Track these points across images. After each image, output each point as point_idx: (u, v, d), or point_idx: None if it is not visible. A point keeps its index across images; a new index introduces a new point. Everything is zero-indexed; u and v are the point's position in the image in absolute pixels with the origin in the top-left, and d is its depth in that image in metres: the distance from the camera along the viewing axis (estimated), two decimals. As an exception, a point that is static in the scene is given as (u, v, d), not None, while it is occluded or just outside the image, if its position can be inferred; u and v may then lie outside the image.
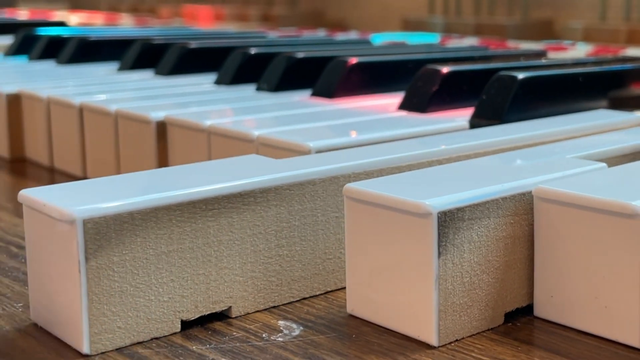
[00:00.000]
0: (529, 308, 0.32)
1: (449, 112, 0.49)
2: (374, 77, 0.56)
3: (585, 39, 0.85)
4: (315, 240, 0.34)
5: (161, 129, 0.48)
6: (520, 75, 0.46)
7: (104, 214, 0.29)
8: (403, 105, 0.50)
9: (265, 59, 0.61)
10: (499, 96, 0.45)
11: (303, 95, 0.56)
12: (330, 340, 0.30)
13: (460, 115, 0.47)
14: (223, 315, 0.32)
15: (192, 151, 0.46)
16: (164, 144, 0.48)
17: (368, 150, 0.38)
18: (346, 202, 0.31)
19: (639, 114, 0.48)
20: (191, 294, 0.31)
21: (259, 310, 0.33)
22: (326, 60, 0.57)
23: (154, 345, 0.30)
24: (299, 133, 0.42)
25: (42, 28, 0.89)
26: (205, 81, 0.64)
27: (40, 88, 0.59)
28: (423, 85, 0.49)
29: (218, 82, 0.62)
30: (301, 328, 0.31)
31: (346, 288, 0.32)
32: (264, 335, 0.31)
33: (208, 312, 0.31)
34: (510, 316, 0.32)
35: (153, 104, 0.52)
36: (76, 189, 0.31)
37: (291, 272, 0.33)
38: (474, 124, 0.45)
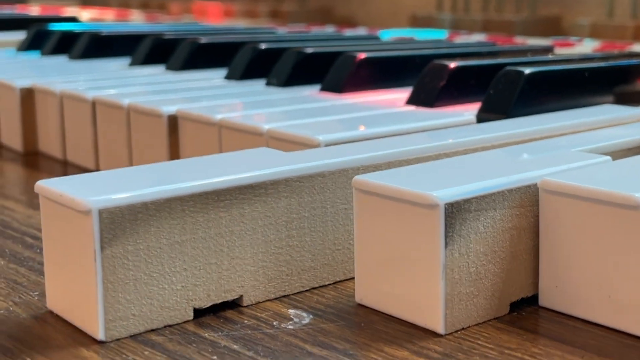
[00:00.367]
0: (534, 298, 0.33)
1: (456, 107, 0.49)
2: (382, 72, 0.56)
3: (592, 35, 0.85)
4: (325, 231, 0.35)
5: (173, 122, 0.49)
6: (527, 70, 0.46)
7: (119, 204, 0.29)
8: (411, 100, 0.50)
9: (274, 54, 0.61)
10: (506, 91, 0.46)
11: (312, 90, 0.57)
12: (339, 328, 0.31)
13: (468, 110, 0.48)
14: (234, 304, 0.33)
15: (203, 144, 0.47)
16: (175, 137, 0.49)
17: (376, 143, 0.38)
18: (355, 194, 0.32)
19: (643, 109, 0.48)
20: (203, 283, 0.32)
21: (270, 299, 0.33)
22: (335, 55, 0.58)
23: (167, 332, 0.30)
24: (308, 127, 0.43)
25: (54, 23, 0.90)
26: (215, 76, 0.65)
27: (53, 82, 0.60)
28: (431, 80, 0.50)
29: (228, 77, 0.63)
30: (311, 316, 0.32)
31: (355, 278, 0.33)
32: (274, 323, 0.31)
33: (220, 301, 0.32)
34: (516, 306, 0.32)
35: (164, 98, 0.53)
36: (92, 180, 0.32)
37: (301, 262, 0.34)
38: (481, 118, 0.46)
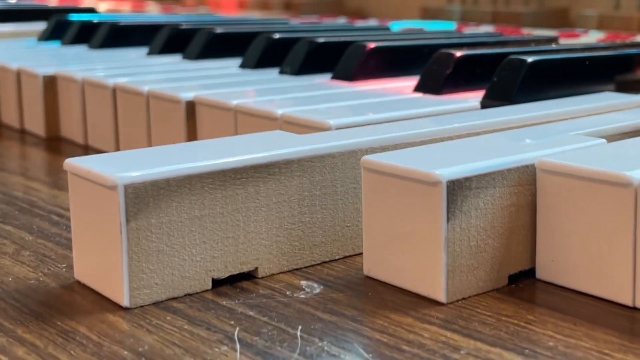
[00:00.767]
0: (532, 271, 0.35)
1: (462, 94, 0.51)
2: (391, 61, 0.58)
3: (599, 27, 0.87)
4: (335, 208, 0.37)
5: (190, 108, 0.51)
6: (530, 59, 0.48)
7: (143, 180, 0.32)
8: (418, 88, 0.52)
9: (288, 44, 0.63)
10: (509, 78, 0.48)
11: (324, 78, 0.59)
12: (348, 297, 0.33)
13: (473, 97, 0.50)
14: (250, 276, 0.35)
15: (220, 129, 0.49)
16: (193, 122, 0.51)
17: (384, 127, 0.40)
18: (363, 173, 0.34)
19: (642, 96, 0.50)
20: (221, 255, 0.34)
21: (283, 271, 0.35)
22: (346, 45, 0.60)
23: (187, 300, 0.33)
24: (319, 112, 0.45)
25: (74, 14, 0.92)
26: (230, 65, 0.67)
27: (75, 70, 0.62)
28: (437, 68, 0.52)
29: (243, 66, 0.65)
30: (321, 287, 0.34)
31: (363, 251, 0.35)
32: (287, 292, 0.33)
33: (237, 272, 0.34)
34: (514, 278, 0.34)
35: (182, 85, 0.55)
36: (117, 158, 0.34)
37: (312, 238, 0.36)
38: (485, 104, 0.48)
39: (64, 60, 0.70)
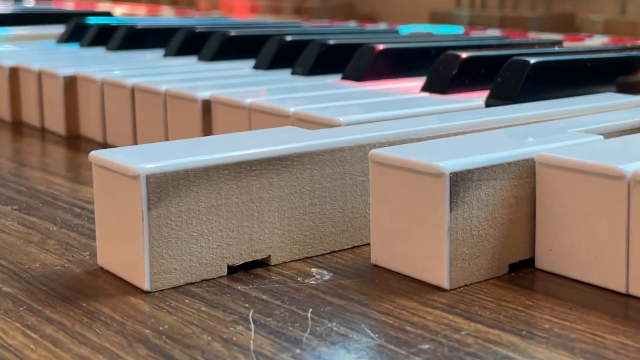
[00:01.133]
0: (531, 260, 0.36)
1: (467, 94, 0.53)
2: (399, 63, 0.60)
3: (605, 32, 0.89)
4: (344, 200, 0.38)
5: (206, 106, 0.53)
6: (533, 60, 0.50)
7: (164, 170, 0.34)
8: (425, 88, 0.54)
9: (299, 46, 0.65)
10: (513, 79, 0.50)
11: (334, 79, 0.61)
12: (356, 284, 0.35)
13: (477, 97, 0.52)
14: (263, 263, 0.37)
15: (235, 126, 0.51)
16: (208, 120, 0.53)
17: (391, 123, 0.42)
18: (371, 165, 0.36)
19: (642, 97, 0.52)
20: (236, 243, 0.36)
21: (295, 259, 0.37)
22: (356, 47, 0.62)
23: (204, 285, 0.35)
24: (330, 109, 0.47)
25: (91, 17, 0.95)
26: (244, 66, 0.69)
27: (94, 71, 0.64)
28: (444, 69, 0.53)
29: (256, 67, 0.67)
30: (331, 274, 0.36)
31: (370, 240, 0.37)
32: (299, 279, 0.35)
33: (251, 259, 0.36)
34: (514, 267, 0.36)
35: (198, 84, 0.57)
36: (139, 150, 0.36)
37: (323, 228, 0.38)
38: (489, 104, 0.50)
39: (83, 61, 0.72)
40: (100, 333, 0.30)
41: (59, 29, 0.94)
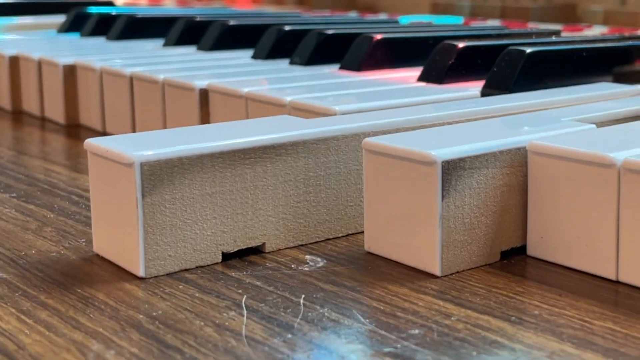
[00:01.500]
0: (523, 248, 0.37)
1: (463, 84, 0.53)
2: (397, 52, 0.61)
3: (605, 22, 0.89)
4: (338, 188, 0.39)
5: (204, 95, 0.54)
6: (529, 50, 0.50)
7: (158, 158, 0.34)
8: (422, 77, 0.54)
9: (298, 36, 0.65)
10: (508, 68, 0.50)
11: (332, 68, 0.61)
12: (349, 270, 0.35)
13: (474, 86, 0.52)
14: (258, 250, 0.37)
15: (232, 115, 0.51)
16: (206, 109, 0.54)
17: (386, 112, 0.42)
18: (364, 154, 0.36)
19: (637, 86, 0.52)
20: (231, 230, 0.36)
21: (289, 247, 0.38)
22: (354, 36, 0.62)
23: (198, 271, 0.35)
24: (326, 99, 0.47)
25: (92, 7, 0.95)
26: (243, 55, 0.69)
27: (93, 60, 0.65)
28: (440, 59, 0.54)
29: (255, 57, 0.67)
30: (325, 261, 0.36)
31: (364, 228, 0.37)
32: (292, 265, 0.36)
33: (245, 247, 0.36)
34: (506, 254, 0.36)
35: (196, 74, 0.58)
36: (134, 138, 0.37)
37: (317, 216, 0.38)
38: (484, 93, 0.50)
39: (83, 50, 0.73)
40: (94, 318, 0.30)
41: (60, 19, 0.94)
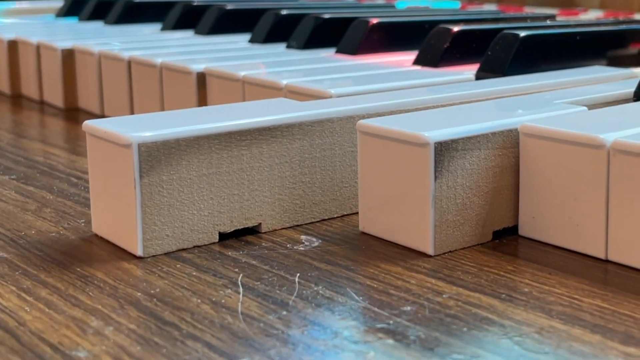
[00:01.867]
0: (515, 228, 0.37)
1: (458, 67, 0.54)
2: (392, 36, 0.61)
3: (602, 6, 0.89)
4: (333, 170, 0.39)
5: (201, 79, 0.54)
6: (522, 34, 0.51)
7: (155, 139, 0.34)
8: (417, 61, 0.55)
9: (295, 20, 0.66)
10: (503, 52, 0.50)
11: (328, 52, 0.62)
12: (344, 250, 0.36)
13: (468, 70, 0.52)
14: (254, 231, 0.38)
15: (229, 99, 0.51)
16: (203, 92, 0.54)
17: (381, 95, 0.43)
18: (359, 136, 0.37)
19: (630, 70, 0.52)
20: (227, 211, 0.37)
21: (285, 227, 0.38)
22: (350, 21, 0.62)
23: (195, 251, 0.36)
24: (322, 82, 0.48)
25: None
26: (240, 40, 0.69)
27: (92, 44, 0.65)
28: (435, 42, 0.54)
29: (252, 41, 0.68)
30: (320, 241, 0.37)
31: (359, 209, 0.38)
32: (288, 245, 0.36)
33: (241, 227, 0.37)
34: (498, 234, 0.37)
35: (194, 57, 0.58)
36: (131, 120, 0.37)
37: (312, 197, 0.39)
38: (479, 77, 0.51)
39: (81, 35, 0.73)
40: (93, 296, 0.31)
41: (58, 3, 0.95)
